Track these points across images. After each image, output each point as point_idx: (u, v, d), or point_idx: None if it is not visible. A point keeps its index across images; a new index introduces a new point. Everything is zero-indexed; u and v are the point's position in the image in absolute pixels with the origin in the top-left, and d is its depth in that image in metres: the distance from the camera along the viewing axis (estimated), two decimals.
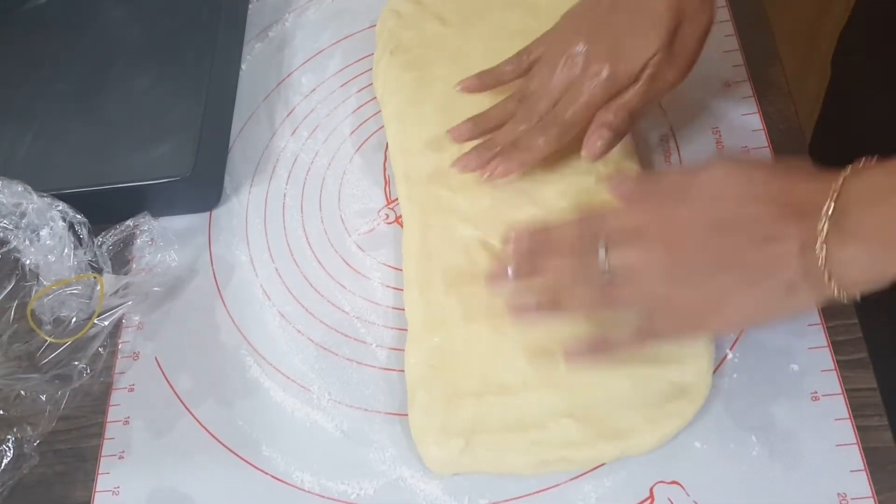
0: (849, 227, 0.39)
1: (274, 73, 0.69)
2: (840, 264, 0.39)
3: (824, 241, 0.39)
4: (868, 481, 0.45)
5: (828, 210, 0.39)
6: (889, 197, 0.39)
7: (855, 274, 0.39)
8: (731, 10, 0.63)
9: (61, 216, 0.57)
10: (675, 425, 0.47)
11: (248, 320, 0.57)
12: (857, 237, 0.39)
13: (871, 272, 0.39)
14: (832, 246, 0.39)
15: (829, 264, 0.39)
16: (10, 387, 0.55)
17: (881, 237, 0.39)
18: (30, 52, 0.75)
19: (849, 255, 0.39)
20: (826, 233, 0.39)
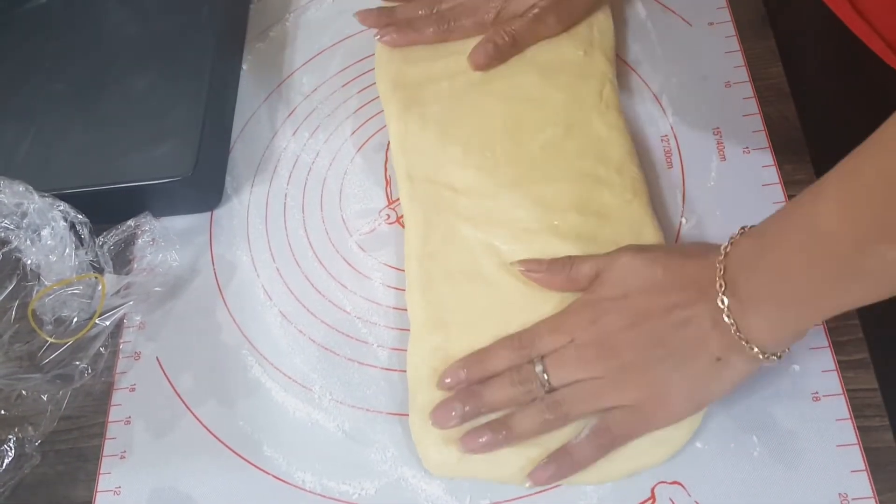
0: (742, 296, 0.42)
1: (275, 74, 0.69)
2: (750, 330, 0.43)
3: (728, 313, 0.43)
4: (869, 482, 0.45)
5: (720, 285, 0.43)
6: (758, 264, 0.42)
7: (767, 336, 0.43)
8: (732, 10, 0.63)
9: (62, 216, 0.57)
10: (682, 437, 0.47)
11: (250, 320, 0.57)
12: (752, 306, 0.42)
13: (778, 332, 0.43)
14: (736, 316, 0.42)
15: (743, 332, 0.43)
16: (11, 387, 0.55)
17: (770, 303, 0.42)
18: (30, 52, 0.75)
19: (754, 321, 0.42)
20: (727, 305, 0.43)
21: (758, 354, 0.43)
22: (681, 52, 0.62)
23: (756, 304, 0.42)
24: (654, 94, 0.61)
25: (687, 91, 0.60)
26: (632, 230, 0.52)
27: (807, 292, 0.42)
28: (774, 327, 0.43)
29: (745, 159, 0.56)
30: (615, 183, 0.54)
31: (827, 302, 0.42)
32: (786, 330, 0.43)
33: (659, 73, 0.62)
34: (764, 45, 0.61)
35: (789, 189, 0.54)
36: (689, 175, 0.57)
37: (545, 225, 0.53)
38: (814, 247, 0.40)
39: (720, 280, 0.43)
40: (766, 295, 0.42)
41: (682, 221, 0.55)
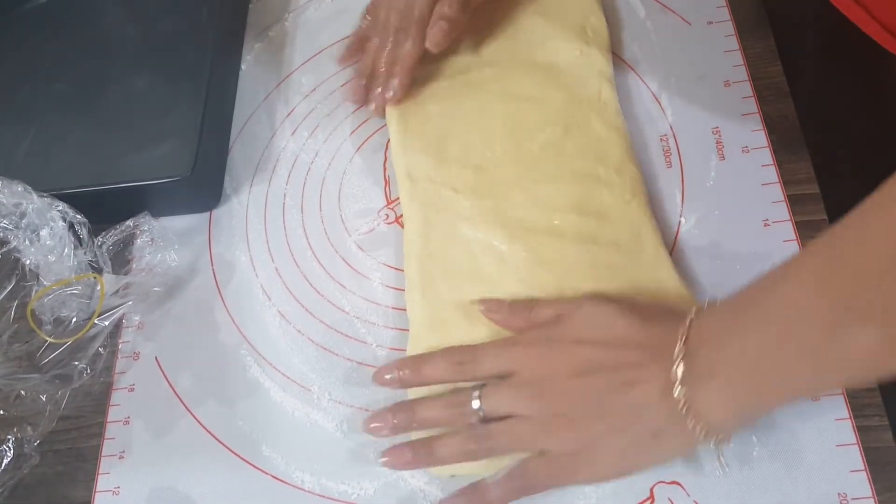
0: (700, 369, 0.40)
1: (274, 73, 0.69)
2: (701, 404, 0.40)
3: (681, 384, 0.40)
4: (868, 481, 0.45)
5: (679, 353, 0.40)
6: (724, 337, 0.40)
7: (717, 413, 0.40)
8: (731, 10, 0.63)
9: (61, 216, 0.57)
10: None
11: (249, 320, 0.57)
12: (711, 377, 0.40)
13: (733, 409, 0.40)
14: (689, 387, 0.40)
15: (691, 405, 0.40)
16: (10, 387, 0.55)
17: (730, 378, 0.40)
18: (30, 52, 0.75)
19: (705, 396, 0.40)
20: (681, 375, 0.40)
21: (699, 433, 0.41)
22: (680, 51, 0.62)
23: (712, 378, 0.40)
24: (654, 93, 0.61)
25: (686, 90, 0.60)
26: (630, 230, 0.52)
27: (769, 371, 0.39)
28: (727, 404, 0.40)
29: (744, 158, 0.56)
30: (614, 183, 0.54)
31: (789, 384, 0.40)
32: (738, 408, 0.41)
33: (658, 73, 0.61)
34: (763, 45, 0.61)
35: (788, 188, 0.54)
36: (688, 174, 0.57)
37: (545, 225, 0.53)
38: (783, 326, 0.38)
39: (681, 345, 0.41)
40: (725, 370, 0.40)
41: (681, 221, 0.55)
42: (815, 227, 0.53)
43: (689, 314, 0.42)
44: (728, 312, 0.41)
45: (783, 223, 0.53)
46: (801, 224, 0.53)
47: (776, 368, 0.39)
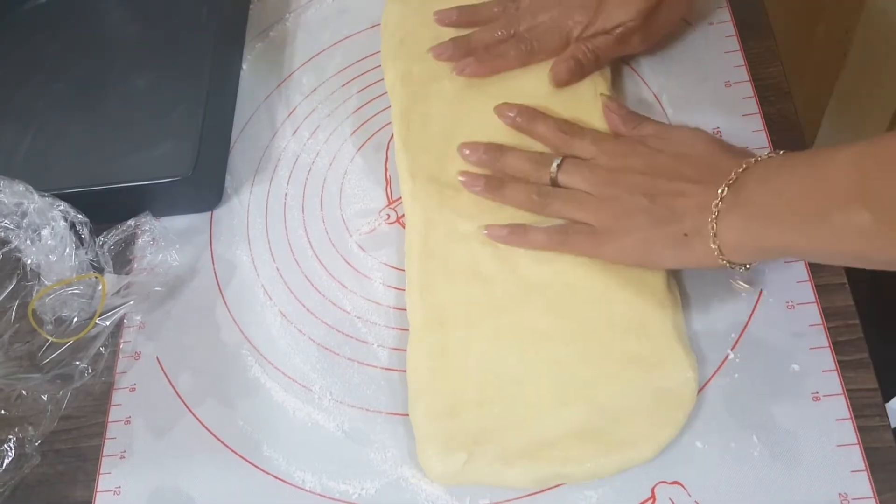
0: (740, 198, 0.45)
1: (275, 73, 0.69)
2: (724, 227, 0.45)
3: (719, 203, 0.46)
4: (869, 482, 0.45)
5: (730, 180, 0.46)
6: (770, 177, 0.45)
7: (732, 239, 0.46)
8: (732, 10, 0.63)
9: (62, 216, 0.57)
10: (668, 434, 0.47)
11: (250, 320, 0.57)
12: (742, 206, 0.45)
13: (743, 238, 0.45)
14: (723, 210, 0.46)
15: (717, 225, 0.46)
16: (11, 386, 0.55)
17: (754, 210, 0.45)
18: (30, 52, 0.75)
19: (731, 221, 0.45)
20: (721, 198, 0.46)
21: (715, 250, 0.46)
22: (681, 51, 0.62)
23: (743, 207, 0.45)
24: (654, 93, 0.61)
25: (687, 91, 0.60)
26: None
27: (783, 217, 0.44)
28: (742, 233, 0.45)
29: None
30: None
31: (791, 235, 0.44)
32: (748, 240, 0.45)
33: (659, 73, 0.61)
34: (763, 45, 0.61)
35: None
36: None
37: (544, 222, 0.53)
38: (813, 182, 0.43)
39: (734, 175, 0.46)
40: (756, 204, 0.45)
41: None
42: None
43: (759, 156, 0.47)
44: (781, 162, 0.46)
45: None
46: None
47: (789, 219, 0.44)
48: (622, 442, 0.47)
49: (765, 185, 0.45)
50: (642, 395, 0.48)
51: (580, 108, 0.57)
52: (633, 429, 0.47)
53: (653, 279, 0.51)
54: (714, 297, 0.52)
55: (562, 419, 0.48)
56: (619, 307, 0.50)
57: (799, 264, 0.52)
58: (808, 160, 0.44)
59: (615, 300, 0.50)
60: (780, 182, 0.44)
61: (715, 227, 0.46)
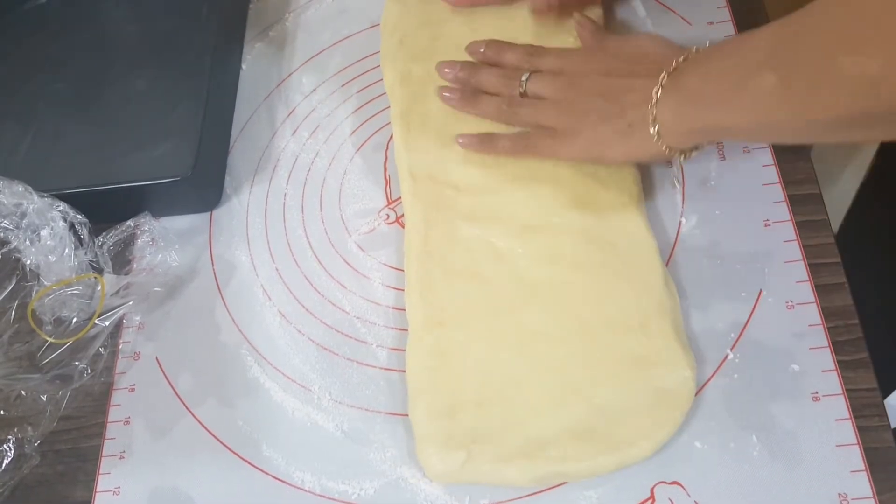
0: (677, 84, 0.48)
1: (274, 73, 0.69)
2: (660, 112, 0.49)
3: (657, 91, 0.49)
4: (869, 482, 0.45)
5: (673, 66, 0.49)
6: (700, 62, 0.48)
7: (667, 120, 0.49)
8: (732, 10, 0.63)
9: (62, 216, 0.57)
10: (665, 432, 0.47)
11: (249, 320, 0.57)
12: (677, 90, 0.48)
13: (677, 120, 0.48)
14: (661, 97, 0.49)
15: (655, 110, 0.49)
16: (10, 387, 0.55)
17: (687, 92, 0.48)
18: (30, 52, 0.75)
19: (667, 105, 0.49)
20: (661, 85, 0.49)
21: (654, 136, 0.49)
22: None
23: (678, 92, 0.48)
24: None
25: None
26: (625, 232, 0.52)
27: (710, 96, 0.47)
28: (676, 116, 0.48)
29: (744, 159, 0.56)
30: (612, 184, 0.54)
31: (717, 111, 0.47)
32: (682, 122, 0.49)
33: None
34: None
35: (789, 189, 0.54)
36: (688, 175, 0.57)
37: (544, 221, 0.53)
38: (733, 59, 0.46)
39: (674, 63, 0.49)
40: (688, 86, 0.48)
41: (681, 221, 0.55)
42: (816, 227, 0.53)
43: (696, 46, 0.50)
44: (712, 48, 0.49)
45: (783, 223, 0.53)
46: (801, 224, 0.53)
47: (715, 97, 0.47)
48: (620, 441, 0.47)
49: (697, 68, 0.48)
50: (640, 395, 0.48)
51: None
52: (632, 428, 0.47)
53: (652, 279, 0.51)
54: (713, 297, 0.52)
55: (560, 418, 0.48)
56: (618, 307, 0.50)
57: (799, 265, 0.52)
58: (734, 39, 0.48)
59: (614, 300, 0.50)
60: (710, 63, 0.48)
61: (654, 113, 0.49)
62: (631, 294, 0.50)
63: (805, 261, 0.52)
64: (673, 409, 0.47)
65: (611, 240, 0.52)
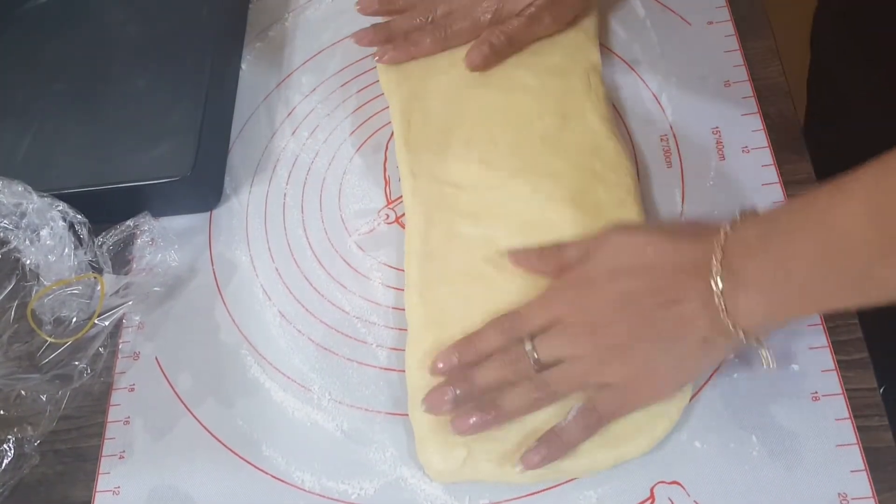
0: (737, 281, 0.42)
1: (274, 73, 0.69)
2: (739, 314, 0.42)
3: (720, 295, 0.42)
4: (869, 481, 0.45)
5: (716, 267, 0.42)
6: (763, 250, 0.42)
7: (754, 320, 0.43)
8: (731, 9, 0.63)
9: (61, 216, 0.57)
10: (663, 428, 0.47)
11: (249, 320, 0.57)
12: (747, 289, 0.42)
13: (768, 316, 0.43)
14: (728, 298, 0.42)
15: (731, 315, 0.42)
16: (10, 387, 0.55)
17: (767, 288, 0.42)
18: (30, 52, 0.75)
19: (744, 305, 0.42)
20: (721, 287, 0.42)
21: (742, 338, 0.43)
22: (680, 51, 0.62)
23: (750, 290, 0.42)
24: (654, 93, 0.61)
25: (686, 90, 0.60)
26: None
27: (810, 288, 0.41)
28: (765, 315, 0.43)
29: (744, 158, 0.56)
30: (610, 181, 0.54)
31: (829, 301, 0.42)
32: (775, 319, 0.44)
33: (658, 73, 0.61)
34: (763, 45, 0.61)
35: (788, 189, 0.54)
36: (688, 174, 0.57)
37: (544, 217, 0.53)
38: (829, 245, 0.39)
39: (716, 262, 0.42)
40: (763, 283, 0.42)
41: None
42: None
43: (722, 228, 0.43)
44: (766, 227, 0.43)
45: None
46: None
47: (818, 285, 0.41)
48: (617, 436, 0.47)
49: (762, 261, 0.42)
50: None
51: (572, 100, 0.57)
52: (629, 423, 0.47)
53: None
54: None
55: (558, 415, 0.47)
56: None
57: None
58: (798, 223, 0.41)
59: None
60: (780, 253, 0.41)
61: (730, 320, 0.42)
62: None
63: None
64: (670, 405, 0.47)
65: None
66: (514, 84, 0.59)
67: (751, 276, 0.42)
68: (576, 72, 0.59)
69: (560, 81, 0.58)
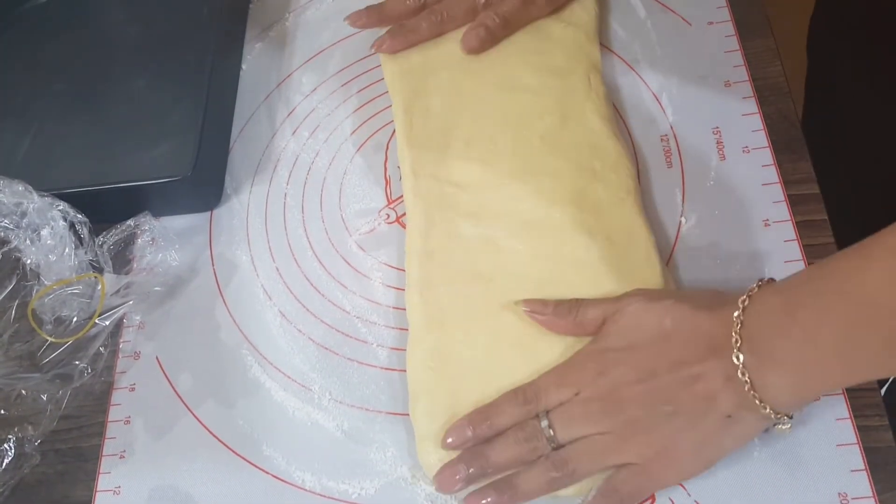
0: (763, 356, 0.41)
1: (274, 73, 0.69)
2: (767, 391, 0.41)
3: (744, 370, 0.41)
4: (869, 481, 0.45)
5: (736, 341, 0.41)
6: (786, 323, 0.41)
7: (785, 397, 0.42)
8: (731, 9, 0.63)
9: (62, 216, 0.57)
10: None
11: (249, 320, 0.57)
12: (774, 364, 0.41)
13: (796, 390, 0.42)
14: (753, 374, 0.41)
15: (757, 391, 0.41)
16: (11, 386, 0.55)
17: (794, 363, 0.41)
18: (30, 52, 0.75)
19: (771, 381, 0.41)
20: (742, 362, 0.41)
21: (770, 414, 0.42)
22: (680, 51, 0.62)
23: (776, 365, 0.41)
24: (654, 93, 0.61)
25: (686, 90, 0.60)
26: (623, 228, 0.52)
27: (838, 360, 0.40)
28: (794, 390, 0.42)
29: (744, 159, 0.56)
30: (610, 181, 0.54)
31: (859, 371, 0.41)
32: (805, 393, 0.42)
33: (658, 73, 0.61)
34: (763, 45, 0.61)
35: (789, 188, 0.54)
36: (688, 174, 0.57)
37: (544, 217, 0.53)
38: (855, 315, 0.38)
39: (736, 335, 0.41)
40: (789, 356, 0.41)
41: (681, 221, 0.55)
42: (816, 228, 0.53)
43: (741, 299, 0.42)
44: (787, 297, 0.42)
45: (783, 223, 0.53)
46: (801, 224, 0.53)
47: (846, 356, 0.39)
48: None
49: (785, 333, 0.41)
50: None
51: (573, 99, 0.58)
52: None
53: (652, 279, 0.51)
54: None
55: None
56: None
57: (799, 265, 0.52)
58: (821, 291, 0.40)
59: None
60: (805, 324, 0.40)
61: (757, 395, 0.41)
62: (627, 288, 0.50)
63: (805, 261, 0.52)
64: None
65: (609, 236, 0.52)
66: (515, 83, 0.59)
67: (774, 351, 0.41)
68: (576, 71, 0.59)
69: (560, 81, 0.58)
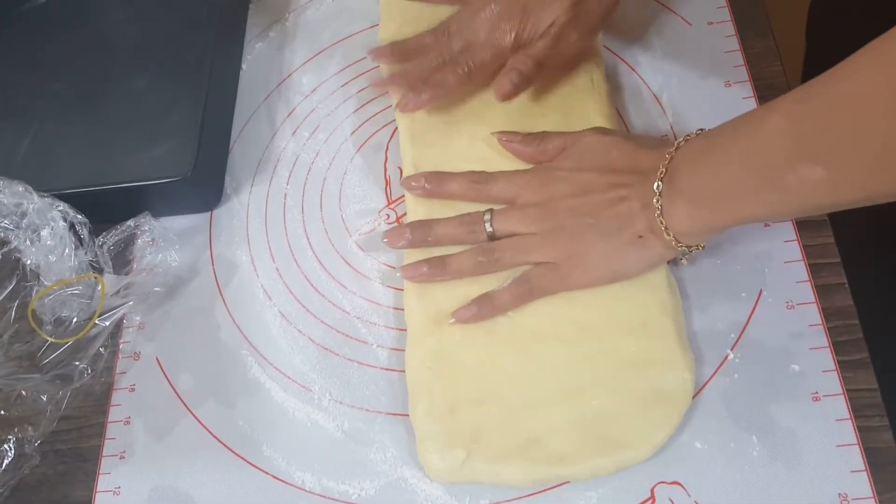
0: (676, 187, 0.47)
1: (274, 73, 0.69)
2: (672, 218, 0.47)
3: (658, 198, 0.47)
4: (869, 482, 0.45)
5: (661, 174, 0.47)
6: (701, 160, 0.46)
7: (683, 226, 0.47)
8: (731, 9, 0.63)
9: (62, 216, 0.57)
10: (663, 435, 0.47)
11: (249, 320, 0.57)
12: (681, 195, 0.47)
13: (695, 224, 0.47)
14: (665, 203, 0.47)
15: (665, 218, 0.47)
16: (10, 387, 0.55)
17: (697, 195, 0.46)
18: (29, 52, 0.75)
19: (676, 210, 0.47)
20: (660, 192, 0.47)
21: (671, 241, 0.48)
22: (680, 51, 0.62)
23: (682, 196, 0.47)
24: (654, 93, 0.61)
25: (687, 90, 0.60)
26: None
27: (730, 194, 0.45)
28: (692, 220, 0.47)
29: None
30: None
31: (744, 207, 0.45)
32: (701, 224, 0.47)
33: (659, 73, 0.61)
34: (763, 44, 0.61)
35: None
36: None
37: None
38: (752, 154, 0.43)
39: (663, 168, 0.47)
40: (695, 190, 0.46)
41: None
42: (816, 227, 0.53)
43: (678, 141, 0.48)
44: (709, 140, 0.47)
45: (783, 223, 0.53)
46: (801, 224, 0.53)
47: (737, 194, 0.45)
48: (618, 442, 0.47)
49: (698, 169, 0.46)
50: (638, 396, 0.48)
51: (576, 96, 0.58)
52: (629, 429, 0.47)
53: (655, 279, 0.51)
54: (714, 297, 0.52)
55: (558, 418, 0.48)
56: (620, 307, 0.50)
57: (799, 265, 0.52)
58: (733, 134, 0.45)
59: (615, 300, 0.50)
60: (714, 161, 0.46)
61: (664, 221, 0.47)
62: (633, 293, 0.50)
63: (805, 261, 0.52)
64: (670, 411, 0.47)
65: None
66: None
67: (686, 183, 0.47)
68: (579, 70, 0.59)
69: (563, 79, 0.58)
